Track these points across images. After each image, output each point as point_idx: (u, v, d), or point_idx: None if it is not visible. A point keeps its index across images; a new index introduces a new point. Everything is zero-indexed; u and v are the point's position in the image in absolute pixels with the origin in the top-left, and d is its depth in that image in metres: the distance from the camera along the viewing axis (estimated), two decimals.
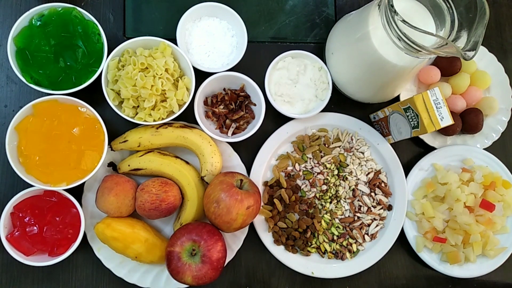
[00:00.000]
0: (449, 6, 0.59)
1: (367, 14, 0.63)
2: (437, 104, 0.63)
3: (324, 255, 0.75)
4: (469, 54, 0.53)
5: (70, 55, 0.67)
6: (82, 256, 0.70)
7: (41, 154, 0.64)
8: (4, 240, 0.63)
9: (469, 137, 0.79)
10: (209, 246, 0.63)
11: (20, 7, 0.74)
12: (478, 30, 0.54)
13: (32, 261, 0.64)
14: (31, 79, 0.66)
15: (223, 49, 0.73)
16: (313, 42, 0.79)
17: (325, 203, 0.75)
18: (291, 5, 0.80)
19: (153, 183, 0.67)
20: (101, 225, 0.65)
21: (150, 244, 0.66)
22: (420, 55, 0.59)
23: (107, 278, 0.70)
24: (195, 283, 0.63)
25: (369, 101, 0.76)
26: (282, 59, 0.74)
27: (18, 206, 0.65)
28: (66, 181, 0.65)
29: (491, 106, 0.78)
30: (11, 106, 0.72)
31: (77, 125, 0.65)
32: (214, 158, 0.69)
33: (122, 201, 0.66)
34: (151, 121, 0.68)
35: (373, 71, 0.67)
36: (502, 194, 0.76)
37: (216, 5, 0.73)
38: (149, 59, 0.67)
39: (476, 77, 0.78)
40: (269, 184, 0.74)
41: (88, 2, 0.75)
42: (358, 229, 0.75)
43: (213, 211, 0.64)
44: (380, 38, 0.61)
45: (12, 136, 0.64)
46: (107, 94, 0.67)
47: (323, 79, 0.74)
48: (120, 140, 0.70)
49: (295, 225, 0.73)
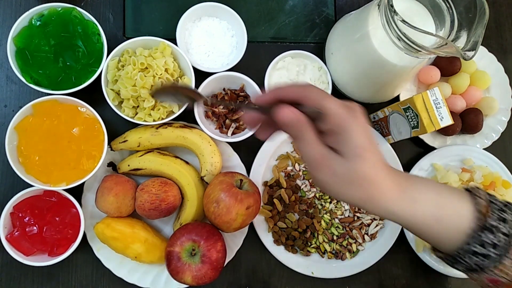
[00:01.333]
0: (448, 6, 0.59)
1: (367, 14, 0.63)
2: (436, 104, 0.63)
3: (324, 255, 0.75)
4: (468, 54, 0.53)
5: (70, 55, 0.66)
6: (82, 256, 0.70)
7: (40, 154, 0.64)
8: (4, 240, 0.63)
9: (469, 137, 0.79)
10: (208, 246, 0.63)
11: (20, 7, 0.74)
12: (477, 30, 0.54)
13: (32, 261, 0.64)
14: (31, 79, 0.66)
15: (223, 49, 0.73)
16: (313, 42, 0.79)
17: (324, 203, 0.75)
18: (291, 5, 0.80)
19: (153, 183, 0.67)
20: (100, 225, 0.65)
21: (150, 244, 0.66)
22: (420, 55, 0.59)
23: (107, 278, 0.70)
24: (195, 283, 0.63)
25: (369, 101, 0.76)
26: (282, 59, 0.74)
27: (18, 206, 0.65)
28: (66, 181, 0.65)
29: (491, 106, 0.78)
30: (11, 106, 0.72)
31: (77, 125, 0.65)
32: (214, 158, 0.69)
33: (121, 201, 0.66)
34: (151, 121, 0.68)
35: (373, 71, 0.67)
36: (502, 194, 0.76)
37: (216, 5, 0.73)
38: (149, 59, 0.67)
39: (476, 77, 0.78)
40: (269, 184, 0.74)
41: (88, 2, 0.75)
42: (358, 229, 0.75)
43: (213, 211, 0.64)
44: (380, 38, 0.61)
45: (12, 136, 0.64)
46: (107, 94, 0.67)
47: (323, 79, 0.74)
48: (120, 140, 0.70)
49: (295, 225, 0.73)
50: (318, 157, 0.41)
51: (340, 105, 0.40)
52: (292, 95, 0.41)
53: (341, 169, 0.41)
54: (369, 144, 0.41)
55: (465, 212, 0.44)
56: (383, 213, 0.43)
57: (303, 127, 0.41)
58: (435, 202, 0.44)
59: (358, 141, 0.40)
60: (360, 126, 0.40)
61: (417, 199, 0.43)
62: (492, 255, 0.43)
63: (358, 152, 0.40)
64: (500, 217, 0.44)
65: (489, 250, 0.43)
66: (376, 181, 0.41)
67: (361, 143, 0.40)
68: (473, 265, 0.45)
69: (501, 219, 0.44)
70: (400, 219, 0.44)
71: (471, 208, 0.45)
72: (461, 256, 0.45)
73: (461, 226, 0.44)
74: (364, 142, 0.40)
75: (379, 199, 0.42)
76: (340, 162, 0.41)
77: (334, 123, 0.40)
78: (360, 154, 0.40)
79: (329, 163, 0.41)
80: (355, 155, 0.40)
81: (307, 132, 0.41)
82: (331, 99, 0.40)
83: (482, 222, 0.44)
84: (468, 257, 0.44)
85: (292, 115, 0.40)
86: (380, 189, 0.42)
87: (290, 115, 0.40)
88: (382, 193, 0.42)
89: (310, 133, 0.41)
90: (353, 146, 0.40)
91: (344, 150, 0.41)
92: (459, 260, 0.45)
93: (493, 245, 0.43)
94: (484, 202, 0.45)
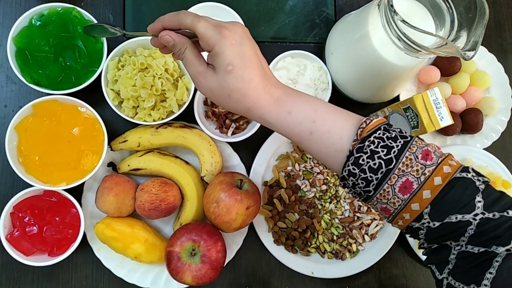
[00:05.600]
0: (448, 6, 0.59)
1: (367, 14, 0.63)
2: (436, 104, 0.63)
3: (324, 255, 0.75)
4: (468, 54, 0.53)
5: (70, 55, 0.67)
6: (82, 256, 0.70)
7: (40, 154, 0.64)
8: (4, 240, 0.63)
9: (469, 137, 0.79)
10: (208, 246, 0.63)
11: (20, 7, 0.74)
12: (477, 30, 0.54)
13: (32, 261, 0.64)
14: (31, 79, 0.66)
15: None
16: (313, 42, 0.79)
17: (324, 203, 0.75)
18: (291, 5, 0.80)
19: (153, 183, 0.67)
20: (100, 225, 0.65)
21: (149, 244, 0.66)
22: (420, 55, 0.59)
23: (107, 278, 0.70)
24: (195, 283, 0.63)
25: (369, 101, 0.76)
26: (282, 59, 0.74)
27: (18, 206, 0.65)
28: (65, 181, 0.65)
29: (491, 106, 0.78)
30: (11, 106, 0.72)
31: (77, 125, 0.66)
32: (214, 158, 0.69)
33: (122, 201, 0.66)
34: (151, 121, 0.68)
35: (373, 71, 0.67)
36: None
37: (216, 5, 0.73)
38: (149, 59, 0.67)
39: (476, 77, 0.78)
40: (269, 184, 0.74)
41: (88, 2, 0.75)
42: (358, 229, 0.75)
43: (213, 211, 0.64)
44: (380, 38, 0.61)
45: (12, 136, 0.64)
46: (106, 94, 0.67)
47: (322, 79, 0.74)
48: (120, 140, 0.70)
49: (295, 225, 0.73)
50: (196, 74, 0.48)
51: (209, 27, 0.45)
52: (170, 23, 0.48)
53: (214, 84, 0.47)
54: (238, 60, 0.45)
55: (345, 134, 0.47)
56: (262, 122, 0.49)
57: (182, 47, 0.48)
58: (310, 117, 0.47)
59: (226, 59, 0.45)
60: (228, 44, 0.45)
61: (292, 112, 0.47)
62: (371, 179, 0.45)
63: (226, 68, 0.45)
64: (381, 144, 0.45)
65: (366, 173, 0.45)
66: (249, 94, 0.46)
67: (229, 60, 0.45)
68: (358, 189, 0.47)
69: (384, 146, 0.45)
70: (277, 129, 0.49)
71: (353, 130, 0.47)
72: (346, 178, 0.47)
73: (340, 146, 0.47)
74: (232, 59, 0.45)
75: (255, 109, 0.47)
76: (213, 78, 0.46)
77: (204, 44, 0.46)
78: (228, 70, 0.45)
79: (204, 79, 0.47)
80: (224, 71, 0.45)
81: (186, 52, 0.48)
82: (202, 22, 0.45)
83: (356, 144, 0.45)
84: (352, 180, 0.46)
85: (169, 38, 0.47)
86: (254, 101, 0.47)
87: (167, 38, 0.47)
88: (257, 104, 0.47)
89: (188, 52, 0.48)
90: (222, 63, 0.45)
91: (216, 67, 0.46)
92: (346, 182, 0.47)
93: (370, 169, 0.45)
94: (368, 127, 0.46)
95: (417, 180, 0.44)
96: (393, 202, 0.45)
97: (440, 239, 0.45)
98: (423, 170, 0.44)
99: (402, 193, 0.44)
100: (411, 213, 0.45)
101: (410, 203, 0.44)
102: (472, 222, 0.43)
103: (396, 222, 0.47)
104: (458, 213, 0.43)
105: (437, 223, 0.44)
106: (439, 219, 0.44)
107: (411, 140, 0.45)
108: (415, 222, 0.45)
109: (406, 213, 0.45)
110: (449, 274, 0.45)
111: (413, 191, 0.44)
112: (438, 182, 0.43)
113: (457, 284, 0.44)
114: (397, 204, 0.45)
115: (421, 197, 0.44)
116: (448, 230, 0.44)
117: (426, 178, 0.43)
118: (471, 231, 0.43)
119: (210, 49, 0.46)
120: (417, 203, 0.44)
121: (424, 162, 0.44)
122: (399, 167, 0.44)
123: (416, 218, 0.45)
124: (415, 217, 0.45)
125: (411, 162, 0.44)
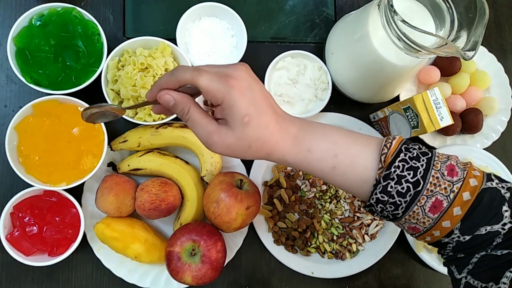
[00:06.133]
0: (448, 6, 0.59)
1: (367, 14, 0.63)
2: (436, 104, 0.63)
3: (324, 255, 0.75)
4: (468, 54, 0.53)
5: (70, 55, 0.66)
6: (82, 256, 0.70)
7: (41, 154, 0.64)
8: (4, 240, 0.63)
9: (469, 137, 0.79)
10: (208, 246, 0.63)
11: (20, 7, 0.73)
12: (477, 30, 0.54)
13: (32, 261, 0.64)
14: (31, 79, 0.66)
15: (223, 49, 0.73)
16: (312, 42, 0.79)
17: (324, 203, 0.75)
18: (290, 5, 0.80)
19: (153, 183, 0.67)
20: (100, 225, 0.65)
21: (149, 244, 0.66)
22: (420, 55, 0.59)
23: (107, 278, 0.70)
24: (195, 283, 0.63)
25: (369, 101, 0.76)
26: (282, 59, 0.74)
27: (18, 206, 0.65)
28: (65, 181, 0.65)
29: (491, 106, 0.78)
30: (11, 106, 0.72)
31: (77, 125, 0.65)
32: (214, 158, 0.69)
33: (122, 201, 0.66)
34: (151, 121, 0.68)
35: (373, 71, 0.67)
36: None
37: (216, 5, 0.73)
38: (149, 59, 0.67)
39: (476, 77, 0.78)
40: (269, 184, 0.74)
41: (88, 2, 0.75)
42: (358, 229, 0.75)
43: (213, 211, 0.64)
44: (380, 38, 0.61)
45: (12, 136, 0.64)
46: (107, 94, 0.67)
47: (322, 79, 0.74)
48: (120, 140, 0.70)
49: (295, 225, 0.73)
50: (208, 135, 0.43)
51: (214, 79, 0.41)
52: (168, 83, 0.43)
53: (232, 140, 0.43)
54: (252, 108, 0.42)
55: (369, 163, 0.45)
56: (283, 163, 0.46)
57: (185, 106, 0.43)
58: (330, 152, 0.45)
59: (241, 110, 0.41)
60: (239, 94, 0.41)
61: (311, 149, 0.45)
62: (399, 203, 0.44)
63: (243, 120, 0.41)
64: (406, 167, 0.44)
65: (394, 198, 0.44)
66: (268, 139, 0.43)
67: (244, 111, 0.41)
68: (386, 213, 0.46)
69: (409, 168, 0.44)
70: (299, 167, 0.46)
71: (376, 158, 0.45)
72: (373, 205, 0.46)
73: (366, 176, 0.45)
74: (247, 109, 0.41)
75: (275, 154, 0.45)
76: (229, 134, 0.43)
77: (211, 98, 0.41)
78: (245, 122, 0.42)
79: (219, 137, 0.43)
80: (241, 123, 0.42)
81: (191, 112, 0.43)
82: (202, 75, 0.41)
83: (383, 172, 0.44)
84: (380, 207, 0.46)
85: (169, 97, 0.43)
86: (274, 145, 0.44)
87: (167, 97, 0.43)
88: (277, 148, 0.44)
89: (193, 112, 0.43)
90: (237, 116, 0.41)
91: (230, 121, 0.42)
92: (373, 209, 0.47)
93: (398, 193, 0.44)
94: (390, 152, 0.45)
95: (446, 198, 0.43)
96: (423, 221, 0.45)
97: (468, 250, 0.45)
98: (451, 188, 0.43)
99: (432, 213, 0.44)
100: (441, 230, 0.44)
101: (441, 221, 0.44)
102: (501, 232, 0.43)
103: (423, 238, 0.47)
104: (487, 224, 0.43)
105: (468, 236, 0.44)
106: (470, 233, 0.44)
107: (432, 156, 0.45)
108: (445, 237, 0.45)
109: (436, 231, 0.45)
110: (468, 274, 0.45)
111: (443, 209, 0.43)
112: (467, 198, 0.43)
113: (475, 282, 0.44)
114: (427, 224, 0.45)
115: (452, 215, 0.43)
116: (477, 241, 0.44)
117: (455, 195, 0.43)
118: (499, 240, 0.43)
119: (219, 103, 0.42)
120: (448, 221, 0.44)
121: (450, 178, 0.44)
122: (427, 187, 0.44)
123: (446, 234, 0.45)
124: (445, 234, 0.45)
125: (438, 180, 0.44)
